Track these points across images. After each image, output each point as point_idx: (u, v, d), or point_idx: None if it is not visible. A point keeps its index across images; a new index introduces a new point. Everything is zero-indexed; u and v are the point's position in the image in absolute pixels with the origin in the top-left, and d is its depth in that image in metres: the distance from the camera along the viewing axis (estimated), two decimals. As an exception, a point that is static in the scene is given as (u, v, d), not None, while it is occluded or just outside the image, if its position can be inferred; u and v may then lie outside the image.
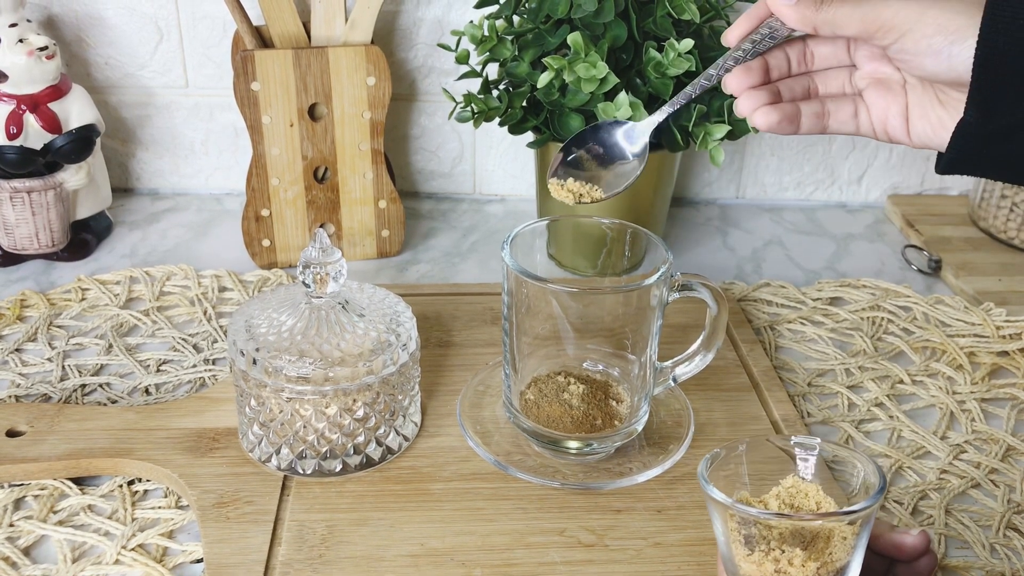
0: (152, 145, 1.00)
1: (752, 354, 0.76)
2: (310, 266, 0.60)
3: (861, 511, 0.44)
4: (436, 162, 1.02)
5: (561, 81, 0.77)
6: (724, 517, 0.46)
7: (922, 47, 0.50)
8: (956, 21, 0.49)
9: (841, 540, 0.45)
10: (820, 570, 0.44)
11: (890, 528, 0.50)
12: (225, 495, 0.60)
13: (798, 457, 0.49)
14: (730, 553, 0.46)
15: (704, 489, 0.46)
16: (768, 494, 0.48)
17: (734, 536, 0.46)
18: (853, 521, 0.44)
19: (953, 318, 0.83)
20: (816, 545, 0.45)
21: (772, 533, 0.45)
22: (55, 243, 0.87)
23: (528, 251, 0.65)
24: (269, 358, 0.59)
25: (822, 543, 0.44)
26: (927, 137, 0.55)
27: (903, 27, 0.51)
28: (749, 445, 0.49)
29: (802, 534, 0.45)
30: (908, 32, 0.50)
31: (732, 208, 1.05)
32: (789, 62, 0.58)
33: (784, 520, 0.45)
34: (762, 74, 0.57)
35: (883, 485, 0.45)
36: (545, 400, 0.63)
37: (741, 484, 0.49)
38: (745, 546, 0.45)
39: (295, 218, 0.87)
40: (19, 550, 0.57)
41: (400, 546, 0.57)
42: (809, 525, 0.45)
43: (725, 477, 0.48)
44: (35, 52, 0.82)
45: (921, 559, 0.50)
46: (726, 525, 0.46)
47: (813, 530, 0.45)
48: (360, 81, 0.84)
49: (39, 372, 0.73)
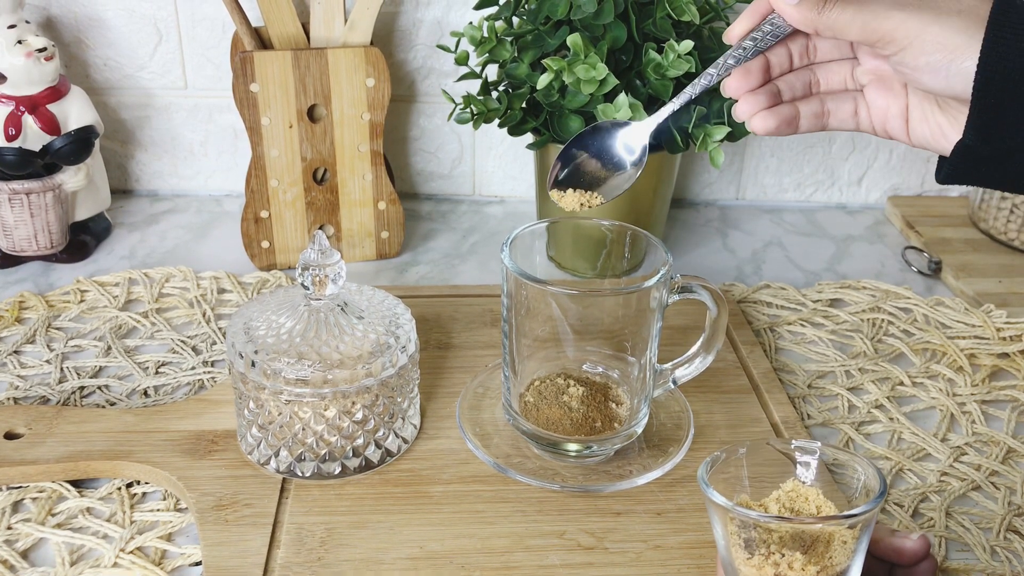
0: (151, 146, 1.00)
1: (752, 356, 0.75)
2: (309, 268, 0.60)
3: (861, 515, 0.44)
4: (435, 163, 1.02)
5: (561, 82, 0.77)
6: (724, 520, 0.46)
7: (921, 63, 0.50)
8: (956, 40, 0.49)
9: (841, 544, 0.44)
10: (820, 574, 0.44)
11: (890, 532, 0.50)
12: (224, 498, 0.60)
13: (798, 461, 0.49)
14: (730, 556, 0.46)
15: (704, 492, 0.46)
16: (768, 498, 0.48)
17: (734, 539, 0.46)
18: (853, 525, 0.44)
19: (953, 320, 0.83)
20: (816, 549, 0.44)
21: (772, 537, 0.45)
22: (54, 245, 0.87)
23: (528, 253, 0.65)
24: (268, 360, 0.59)
25: (822, 547, 0.44)
26: (926, 141, 0.55)
27: (903, 41, 0.50)
28: (749, 448, 0.49)
29: (802, 538, 0.44)
30: (908, 47, 0.50)
31: (732, 209, 1.04)
32: (791, 57, 0.58)
33: (784, 524, 0.45)
34: (762, 74, 0.56)
35: (883, 489, 0.45)
36: (545, 402, 0.63)
37: (741, 487, 0.49)
38: (745, 549, 0.45)
39: (294, 220, 0.87)
40: (17, 553, 0.57)
41: (399, 549, 0.57)
42: (809, 529, 0.45)
43: (725, 480, 0.48)
44: (34, 53, 0.82)
45: (921, 563, 0.50)
46: (726, 528, 0.46)
47: (813, 534, 0.44)
48: (359, 82, 0.84)
49: (38, 374, 0.73)
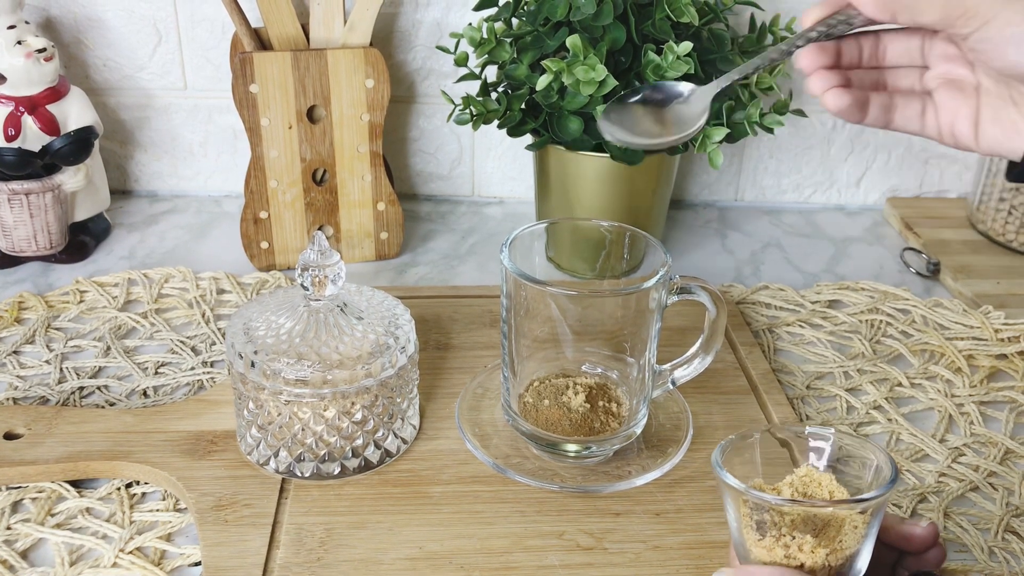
0: (151, 147, 1.00)
1: (751, 357, 0.75)
2: (308, 268, 0.60)
3: (872, 500, 0.44)
4: (435, 164, 1.02)
5: (560, 84, 0.77)
6: (737, 503, 0.46)
7: (1005, 35, 0.48)
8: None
9: (852, 529, 0.45)
10: (830, 557, 0.45)
11: (899, 520, 0.50)
12: (223, 498, 0.60)
13: (811, 446, 0.50)
14: (742, 538, 0.47)
15: (718, 475, 0.47)
16: (782, 482, 0.48)
17: (746, 522, 0.46)
18: (864, 510, 0.45)
19: (952, 321, 0.83)
20: (827, 533, 0.45)
21: (784, 520, 0.45)
22: (53, 245, 0.87)
23: (527, 253, 0.65)
24: (267, 361, 0.59)
25: (833, 531, 0.45)
26: (997, 143, 0.53)
27: (987, 14, 0.49)
28: (763, 434, 0.50)
29: (814, 521, 0.45)
30: (992, 19, 0.49)
31: (731, 211, 1.05)
32: (861, 53, 0.56)
33: (796, 506, 0.45)
34: (835, 57, 0.55)
35: (895, 476, 0.46)
36: (544, 403, 0.63)
37: (754, 471, 0.49)
38: (757, 531, 0.46)
39: (293, 220, 0.87)
40: (17, 553, 0.57)
41: (399, 549, 0.57)
42: (820, 512, 0.45)
43: (739, 464, 0.49)
44: (33, 54, 0.82)
45: (930, 551, 0.50)
46: (739, 511, 0.47)
47: (824, 517, 0.45)
48: (359, 83, 0.84)
49: (37, 374, 0.73)
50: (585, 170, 0.83)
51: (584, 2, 0.76)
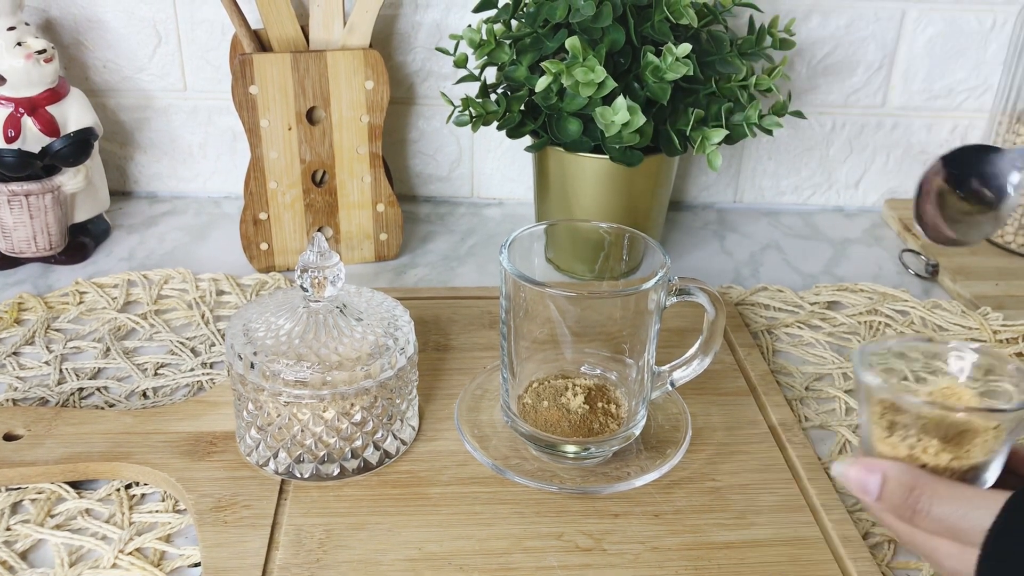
0: (150, 148, 1.00)
1: (749, 358, 0.76)
2: (308, 270, 0.61)
3: (1008, 411, 0.44)
4: (434, 166, 1.02)
5: (559, 85, 0.78)
6: (871, 401, 0.47)
7: None
8: None
9: (982, 442, 0.45)
10: (952, 462, 0.45)
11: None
12: (223, 499, 0.60)
13: (954, 360, 0.50)
14: (869, 435, 0.47)
15: (856, 371, 0.47)
16: (921, 391, 0.49)
17: (876, 418, 0.46)
18: (998, 424, 0.44)
19: (950, 322, 0.83)
20: (958, 442, 0.45)
21: (916, 423, 0.45)
22: (53, 246, 0.87)
23: (526, 255, 0.65)
24: (267, 362, 0.59)
25: (965, 441, 0.45)
26: None
27: None
28: (907, 344, 0.50)
29: (946, 428, 0.45)
30: None
31: (730, 212, 1.05)
32: None
33: (929, 408, 0.45)
34: None
35: None
36: (543, 404, 0.63)
37: (895, 376, 0.50)
38: (886, 428, 0.46)
39: (293, 222, 0.87)
40: (16, 554, 0.57)
41: (398, 550, 0.57)
42: (953, 419, 0.45)
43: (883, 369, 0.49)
44: (33, 55, 0.82)
45: None
46: (871, 409, 0.47)
47: (957, 425, 0.45)
48: (358, 85, 0.84)
49: (36, 375, 0.73)
50: (584, 171, 0.83)
51: (583, 4, 0.77)
